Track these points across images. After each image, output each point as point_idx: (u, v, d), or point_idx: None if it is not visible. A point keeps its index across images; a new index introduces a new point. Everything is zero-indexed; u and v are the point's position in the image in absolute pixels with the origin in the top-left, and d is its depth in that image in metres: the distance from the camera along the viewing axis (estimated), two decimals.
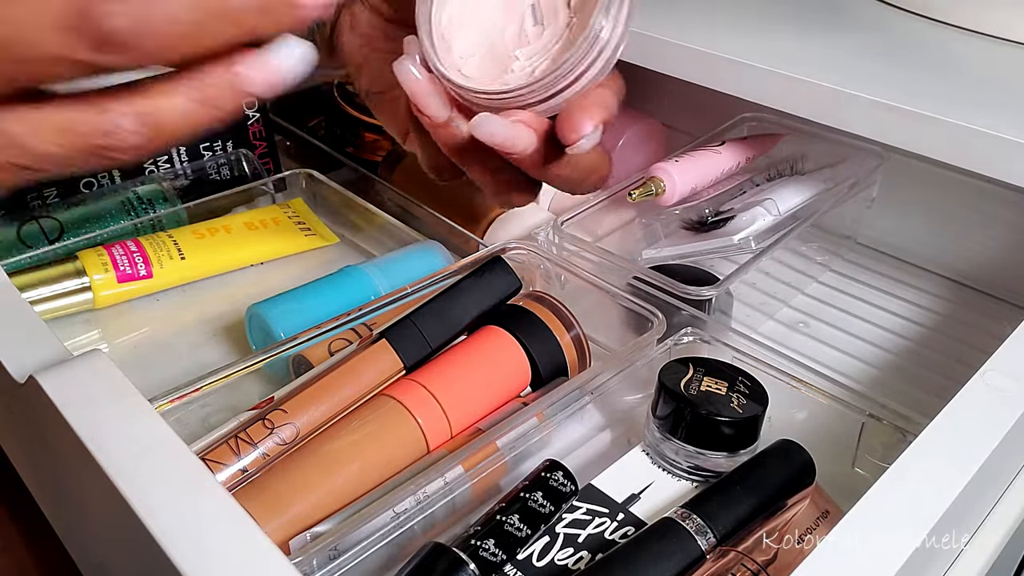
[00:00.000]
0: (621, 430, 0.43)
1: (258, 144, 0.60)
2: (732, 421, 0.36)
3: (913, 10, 0.54)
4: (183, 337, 0.49)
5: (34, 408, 0.31)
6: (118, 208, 0.53)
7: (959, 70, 0.47)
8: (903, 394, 0.46)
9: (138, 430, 0.29)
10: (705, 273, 0.49)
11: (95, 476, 0.27)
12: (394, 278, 0.48)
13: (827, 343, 0.50)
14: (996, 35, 0.50)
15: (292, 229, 0.55)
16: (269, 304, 0.46)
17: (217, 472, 0.34)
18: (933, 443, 0.29)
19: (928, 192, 0.54)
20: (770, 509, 0.34)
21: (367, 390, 0.38)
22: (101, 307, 0.49)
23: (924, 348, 0.50)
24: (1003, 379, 0.31)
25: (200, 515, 0.26)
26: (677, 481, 0.37)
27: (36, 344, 0.34)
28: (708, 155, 0.53)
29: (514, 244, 0.47)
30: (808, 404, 0.40)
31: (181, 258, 0.51)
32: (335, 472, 0.35)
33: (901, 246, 0.56)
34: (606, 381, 0.40)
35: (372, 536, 0.33)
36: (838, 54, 0.48)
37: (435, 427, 0.37)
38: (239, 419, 0.36)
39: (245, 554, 0.25)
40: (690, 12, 0.35)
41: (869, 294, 0.54)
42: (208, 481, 0.27)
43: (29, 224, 0.51)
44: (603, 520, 0.35)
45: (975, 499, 0.31)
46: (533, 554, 0.34)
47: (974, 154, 0.41)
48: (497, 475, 0.38)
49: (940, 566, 0.30)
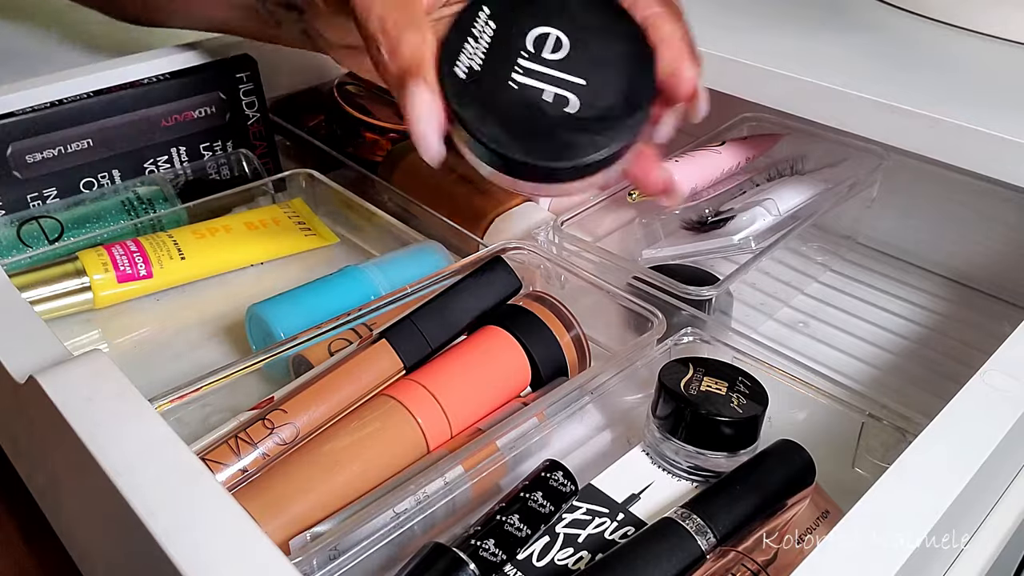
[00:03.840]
0: (621, 430, 0.43)
1: (258, 144, 0.60)
2: (732, 421, 0.36)
3: (913, 10, 0.54)
4: (183, 337, 0.49)
5: (34, 408, 0.31)
6: (118, 208, 0.53)
7: (959, 70, 0.48)
8: (903, 394, 0.46)
9: (138, 430, 0.29)
10: (705, 273, 0.49)
11: (95, 476, 0.27)
12: (394, 278, 0.48)
13: (827, 343, 0.50)
14: (996, 35, 0.50)
15: (292, 229, 0.55)
16: (269, 304, 0.46)
17: (217, 472, 0.34)
18: (933, 443, 0.29)
19: (928, 192, 0.54)
20: (770, 509, 0.34)
21: (367, 390, 0.38)
22: (101, 307, 0.49)
23: (924, 348, 0.50)
24: (1003, 379, 0.31)
25: (200, 515, 0.26)
26: (677, 481, 0.37)
27: (36, 344, 0.34)
28: (708, 155, 0.53)
29: (514, 244, 0.47)
30: (808, 404, 0.40)
31: (181, 258, 0.51)
32: (335, 472, 0.35)
33: (901, 246, 0.56)
34: (606, 381, 0.40)
35: (372, 536, 0.33)
36: (838, 54, 0.48)
37: (435, 427, 0.37)
38: (239, 419, 0.36)
39: (245, 554, 0.25)
40: (690, 12, 0.35)
41: (869, 294, 0.54)
42: (208, 481, 0.27)
43: (29, 224, 0.51)
44: (603, 520, 0.35)
45: (975, 499, 0.31)
46: (533, 554, 0.34)
47: (974, 154, 0.41)
48: (497, 475, 0.38)
49: (940, 566, 0.30)
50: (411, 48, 0.33)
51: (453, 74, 0.33)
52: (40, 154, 0.51)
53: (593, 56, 0.34)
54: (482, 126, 0.33)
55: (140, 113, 0.54)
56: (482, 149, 0.33)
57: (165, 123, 0.55)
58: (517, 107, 0.33)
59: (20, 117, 0.50)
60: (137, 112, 0.54)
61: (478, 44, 0.34)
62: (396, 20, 0.34)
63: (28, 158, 0.51)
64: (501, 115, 0.33)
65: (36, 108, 0.51)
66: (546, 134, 0.33)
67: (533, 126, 0.33)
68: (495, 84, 0.33)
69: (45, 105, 0.51)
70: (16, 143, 0.50)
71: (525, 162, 0.33)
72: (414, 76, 0.33)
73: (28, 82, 0.52)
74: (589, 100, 0.33)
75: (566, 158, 0.33)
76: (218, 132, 0.58)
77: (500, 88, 0.33)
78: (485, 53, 0.34)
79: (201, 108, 0.56)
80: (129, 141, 0.54)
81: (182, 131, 0.56)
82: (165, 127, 0.55)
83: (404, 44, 0.33)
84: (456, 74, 0.33)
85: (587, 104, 0.33)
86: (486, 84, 0.33)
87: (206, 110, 0.56)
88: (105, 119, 0.53)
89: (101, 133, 0.53)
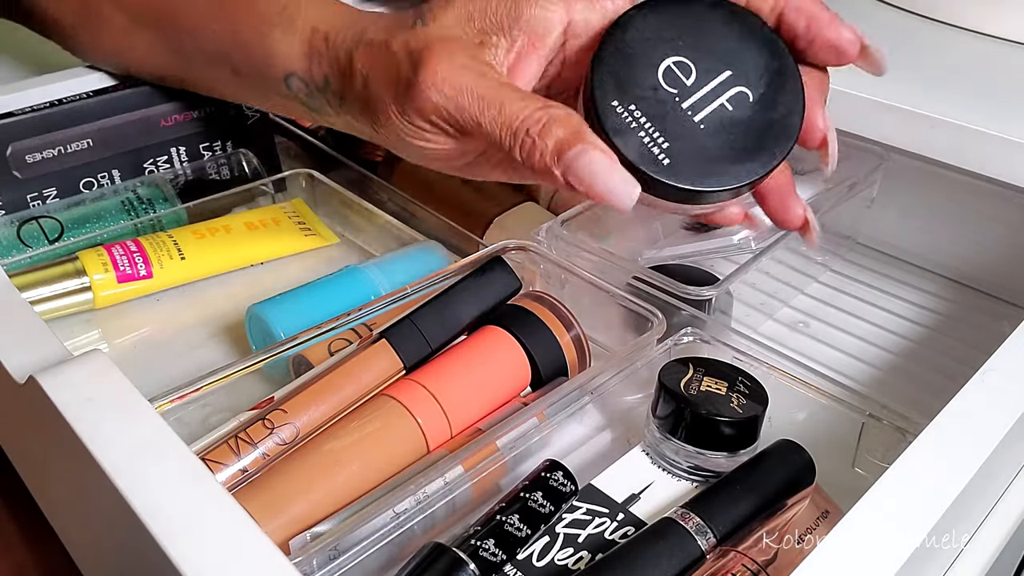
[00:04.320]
0: (621, 430, 0.43)
1: (258, 144, 0.60)
2: (732, 421, 0.36)
3: (914, 10, 0.54)
4: (183, 337, 0.49)
5: (34, 408, 0.31)
6: (118, 208, 0.53)
7: (960, 70, 0.48)
8: (903, 394, 0.46)
9: (138, 430, 0.29)
10: (705, 273, 0.49)
11: (95, 476, 0.27)
12: (394, 278, 0.48)
13: (827, 343, 0.50)
14: (997, 35, 0.50)
15: (292, 229, 0.55)
16: (269, 304, 0.46)
17: (217, 472, 0.34)
18: (933, 443, 0.29)
19: (928, 192, 0.54)
20: (770, 509, 0.34)
21: (367, 390, 0.38)
22: (101, 307, 0.49)
23: (924, 348, 0.50)
24: (1003, 379, 0.31)
25: (200, 515, 0.26)
26: (677, 481, 0.37)
27: (36, 344, 0.34)
28: None
29: (514, 244, 0.47)
30: (808, 404, 0.40)
31: (181, 258, 0.51)
32: (335, 472, 0.35)
33: (901, 246, 0.56)
34: (606, 381, 0.40)
35: (372, 536, 0.33)
36: None
37: (435, 427, 0.37)
38: (239, 419, 0.36)
39: (245, 554, 0.25)
40: None
41: (869, 294, 0.54)
42: (208, 481, 0.27)
43: (29, 224, 0.51)
44: (603, 520, 0.35)
45: (975, 499, 0.31)
46: (533, 554, 0.34)
47: (974, 154, 0.41)
48: (497, 475, 0.38)
49: (940, 566, 0.30)
50: (562, 121, 0.33)
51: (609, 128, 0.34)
52: (40, 154, 0.51)
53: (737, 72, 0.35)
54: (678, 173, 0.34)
55: (140, 113, 0.54)
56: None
57: (165, 123, 0.55)
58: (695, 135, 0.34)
59: (20, 117, 0.50)
60: (137, 112, 0.54)
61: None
62: (526, 106, 0.34)
63: (28, 158, 0.51)
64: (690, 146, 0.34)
65: (36, 108, 0.51)
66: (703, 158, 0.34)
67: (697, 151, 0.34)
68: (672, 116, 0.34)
69: (45, 105, 0.51)
70: (16, 143, 0.50)
71: (679, 187, 0.34)
72: (574, 144, 0.33)
73: (28, 82, 0.52)
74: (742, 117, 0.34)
75: (716, 183, 0.34)
76: (218, 132, 0.58)
77: (679, 117, 0.34)
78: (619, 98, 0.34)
79: (201, 108, 0.55)
80: (129, 141, 0.54)
81: (182, 131, 0.56)
82: (165, 127, 0.55)
83: (553, 123, 0.33)
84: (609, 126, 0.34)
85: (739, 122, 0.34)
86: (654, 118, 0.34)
87: (206, 110, 0.56)
88: (105, 119, 0.53)
89: (101, 133, 0.53)
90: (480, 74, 0.35)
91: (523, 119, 0.33)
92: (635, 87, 0.34)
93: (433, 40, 0.36)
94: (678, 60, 0.35)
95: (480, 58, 0.35)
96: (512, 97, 0.34)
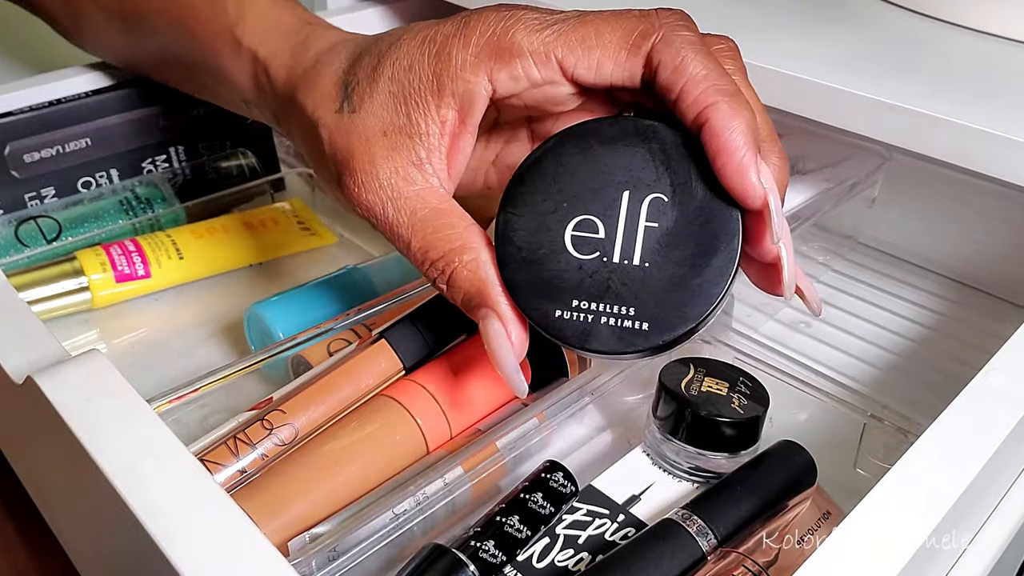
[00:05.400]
0: (621, 431, 0.43)
1: (257, 143, 0.60)
2: (733, 422, 0.36)
3: (915, 9, 0.54)
4: (182, 337, 0.49)
5: (32, 409, 0.31)
6: (116, 208, 0.53)
7: (961, 69, 0.47)
8: (904, 394, 0.46)
9: (136, 431, 0.29)
10: None
11: (93, 477, 0.27)
12: (394, 278, 0.48)
13: (828, 343, 0.50)
14: (998, 34, 0.50)
15: (292, 229, 0.55)
16: (268, 304, 0.46)
17: (216, 473, 0.34)
18: (935, 444, 0.29)
19: (930, 192, 0.54)
20: (771, 510, 0.34)
21: (366, 391, 0.38)
22: (99, 307, 0.49)
23: (926, 348, 0.50)
24: (1005, 379, 0.31)
25: (199, 516, 0.26)
26: (678, 482, 0.37)
27: (34, 344, 0.33)
28: None
29: None
30: (809, 405, 0.40)
31: (180, 258, 0.51)
32: (334, 473, 0.35)
33: (902, 246, 0.56)
34: (606, 382, 0.40)
35: (371, 537, 0.33)
36: (839, 53, 0.48)
37: (435, 428, 0.37)
38: (238, 420, 0.36)
39: (244, 555, 0.25)
40: (689, 11, 0.35)
41: (870, 294, 0.54)
42: (207, 482, 0.27)
43: (27, 223, 0.51)
44: (603, 521, 0.35)
45: (977, 500, 0.31)
46: (533, 555, 0.34)
47: (976, 154, 0.41)
48: (497, 476, 0.38)
49: (942, 567, 0.30)
50: (467, 274, 0.31)
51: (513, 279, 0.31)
52: (38, 153, 0.51)
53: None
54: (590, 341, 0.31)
55: (138, 112, 0.54)
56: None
57: (163, 122, 0.55)
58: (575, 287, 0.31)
59: (18, 116, 0.50)
60: (135, 111, 0.54)
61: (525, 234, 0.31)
62: (433, 245, 0.32)
63: (26, 157, 0.51)
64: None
65: (34, 107, 0.51)
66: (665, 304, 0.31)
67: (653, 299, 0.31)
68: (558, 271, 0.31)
69: (43, 104, 0.51)
70: (14, 142, 0.50)
71: (658, 345, 0.31)
72: (480, 307, 0.31)
73: (26, 81, 0.52)
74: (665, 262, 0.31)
75: (681, 327, 0.31)
76: (217, 131, 0.57)
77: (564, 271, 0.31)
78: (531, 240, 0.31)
79: (200, 107, 0.55)
80: (127, 140, 0.54)
81: (180, 130, 0.56)
82: (163, 126, 0.55)
83: (458, 272, 0.32)
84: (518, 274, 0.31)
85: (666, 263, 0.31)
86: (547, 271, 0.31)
87: (205, 109, 0.56)
88: (103, 118, 0.53)
89: (99, 132, 0.53)
90: (396, 193, 0.33)
91: (431, 263, 0.32)
92: (559, 283, 0.31)
93: (356, 142, 0.33)
94: (578, 221, 0.31)
95: (408, 158, 0.33)
96: (422, 231, 0.32)
